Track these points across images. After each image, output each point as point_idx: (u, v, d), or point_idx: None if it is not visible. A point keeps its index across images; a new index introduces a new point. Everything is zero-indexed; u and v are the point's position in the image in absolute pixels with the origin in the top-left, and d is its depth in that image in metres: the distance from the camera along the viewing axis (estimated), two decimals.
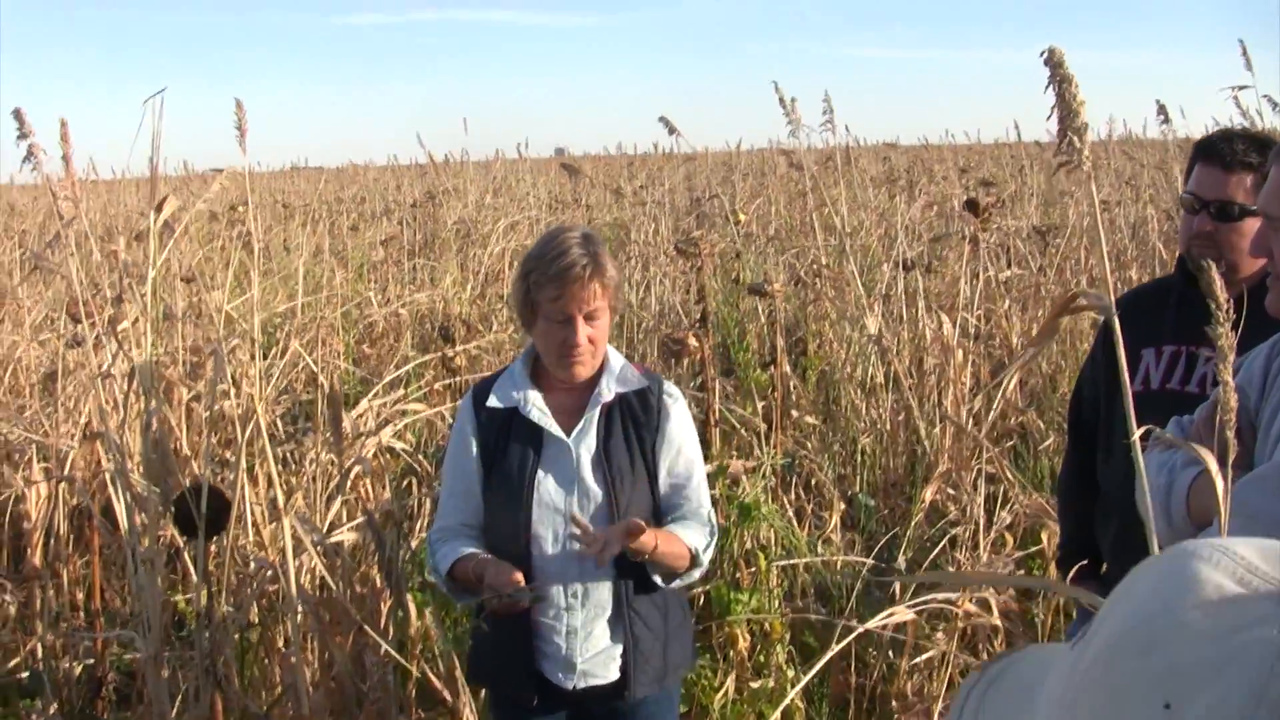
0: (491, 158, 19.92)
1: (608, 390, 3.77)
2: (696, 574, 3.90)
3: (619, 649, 3.74)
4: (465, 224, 14.12)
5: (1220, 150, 3.48)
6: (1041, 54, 2.44)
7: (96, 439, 5.91)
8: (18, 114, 4.81)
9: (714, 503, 4.10)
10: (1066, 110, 2.40)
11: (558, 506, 3.68)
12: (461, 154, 18.13)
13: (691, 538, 3.75)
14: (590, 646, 3.72)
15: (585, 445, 3.73)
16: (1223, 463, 2.10)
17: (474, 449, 3.81)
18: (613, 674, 3.75)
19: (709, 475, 4.38)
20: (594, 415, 3.75)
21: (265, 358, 7.15)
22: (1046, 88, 2.47)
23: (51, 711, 5.36)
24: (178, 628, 5.82)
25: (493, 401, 3.80)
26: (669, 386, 3.91)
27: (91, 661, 6.06)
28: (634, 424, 3.77)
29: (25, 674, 5.87)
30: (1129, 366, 2.52)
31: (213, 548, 4.73)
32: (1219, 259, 3.02)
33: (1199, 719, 0.79)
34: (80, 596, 6.56)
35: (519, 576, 3.56)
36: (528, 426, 3.75)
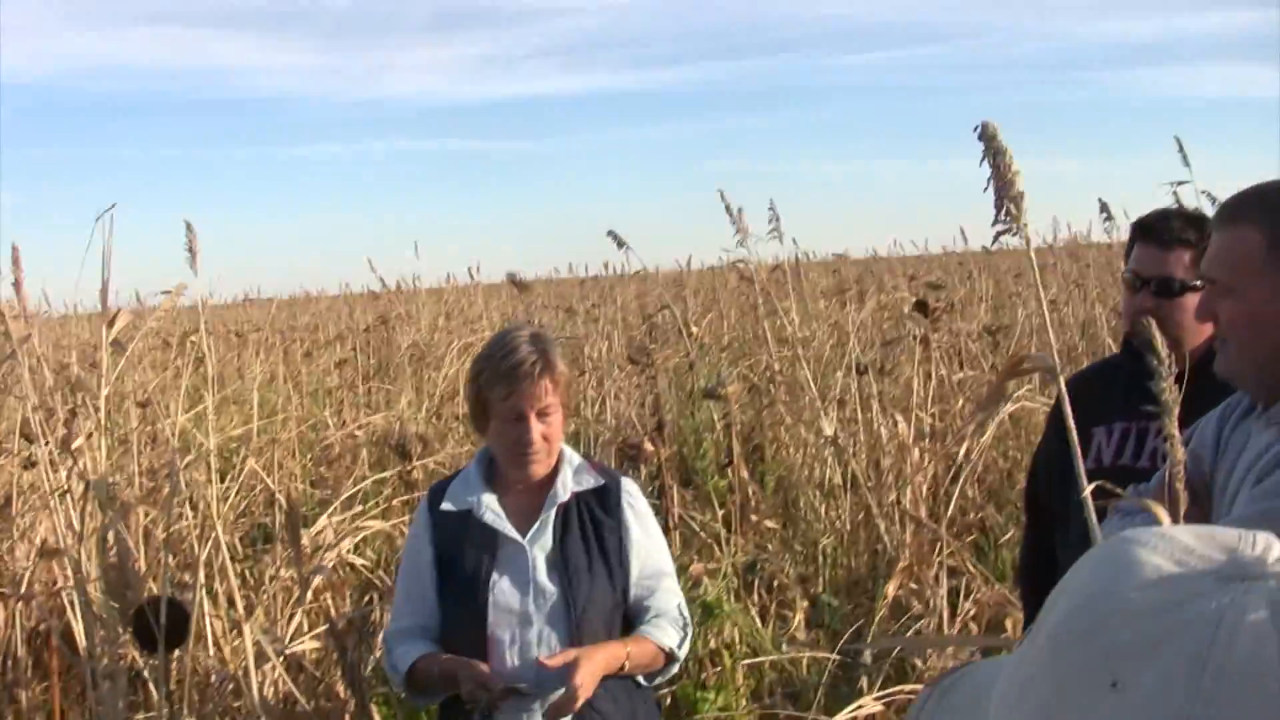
0: (443, 282, 19.99)
1: (563, 490, 3.74)
2: (674, 669, 3.89)
3: None
4: (419, 347, 14.13)
5: (1158, 229, 3.55)
6: (975, 128, 2.48)
7: (53, 556, 5.87)
8: None
9: None
10: (1002, 180, 2.44)
11: (513, 608, 3.64)
12: (413, 279, 18.18)
13: (664, 638, 3.72)
14: None
15: (540, 546, 3.69)
16: (1174, 514, 2.12)
17: (429, 552, 3.78)
18: None
19: None
20: (550, 516, 3.72)
21: (222, 481, 7.13)
22: (981, 161, 2.51)
23: None
24: None
25: (447, 505, 3.78)
26: (628, 484, 3.89)
27: None
28: (593, 523, 3.74)
29: None
30: (1080, 446, 2.55)
31: (173, 664, 4.69)
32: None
33: (1145, 694, 0.80)
34: None
35: (486, 669, 3.54)
36: (483, 529, 3.71)
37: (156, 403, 8.77)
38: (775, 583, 7.09)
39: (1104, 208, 10.09)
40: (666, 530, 6.13)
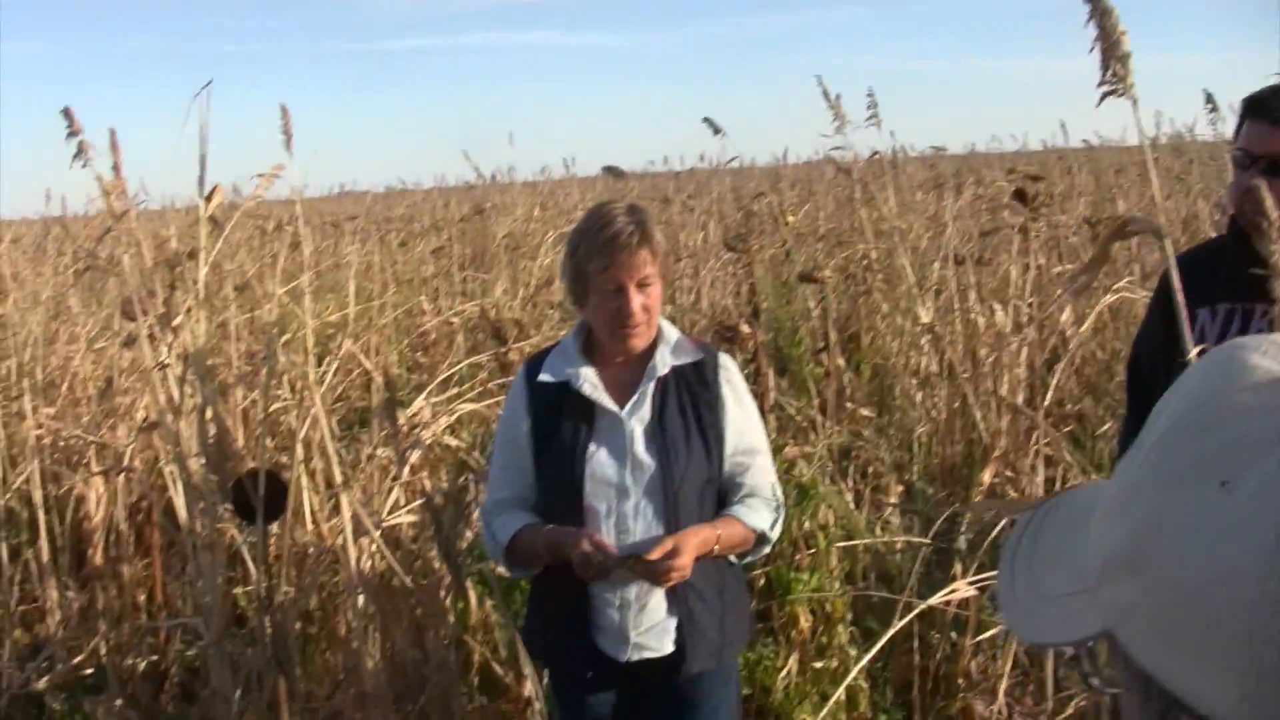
0: (539, 174, 19.97)
1: (662, 364, 3.73)
2: (766, 549, 3.89)
3: (673, 622, 3.69)
4: (514, 237, 14.13)
5: (1269, 105, 3.44)
6: None
7: (154, 430, 5.93)
8: (67, 112, 4.85)
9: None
10: (1108, 40, 2.38)
11: (610, 480, 3.65)
12: (508, 171, 18.18)
13: (756, 519, 3.72)
14: (645, 620, 3.68)
15: (638, 418, 3.69)
16: None
17: (526, 422, 3.78)
18: (667, 647, 3.70)
19: None
20: (648, 389, 3.71)
21: (319, 365, 7.17)
22: (1087, 21, 2.46)
23: (117, 706, 5.38)
24: (239, 624, 5.84)
25: (545, 376, 3.77)
26: (725, 359, 3.87)
27: (155, 658, 6.09)
28: (690, 397, 3.73)
29: (90, 671, 5.90)
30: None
31: (271, 537, 4.73)
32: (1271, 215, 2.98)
33: (1254, 492, 0.79)
34: (141, 597, 6.59)
35: (600, 540, 3.55)
36: (580, 401, 3.71)
37: (255, 286, 8.84)
38: (870, 469, 7.08)
39: (1209, 99, 9.96)
40: (762, 413, 6.11)
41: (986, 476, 6.01)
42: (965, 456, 7.36)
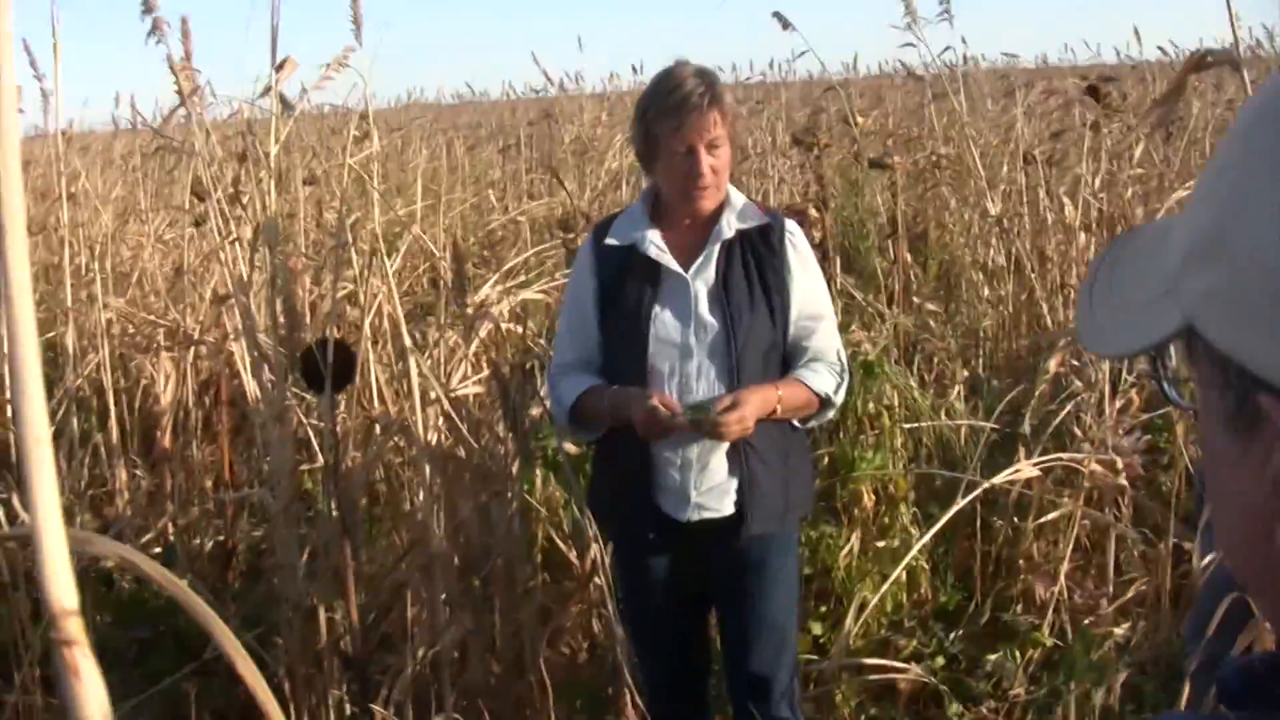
0: (606, 81, 19.93)
1: (728, 227, 3.75)
2: (830, 414, 3.92)
3: (734, 483, 3.73)
4: (581, 142, 14.12)
5: None
6: None
7: (224, 302, 5.99)
8: None
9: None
10: None
11: (674, 340, 3.68)
12: (576, 76, 18.12)
13: (820, 382, 3.74)
14: (706, 480, 3.72)
15: (703, 280, 3.72)
16: None
17: (593, 286, 3.82)
18: (727, 508, 3.75)
19: None
20: (714, 251, 3.73)
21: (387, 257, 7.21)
22: None
23: (185, 583, 5.45)
24: (305, 507, 5.91)
25: (611, 240, 3.80)
26: (791, 225, 3.88)
27: (221, 538, 6.17)
28: (755, 260, 3.75)
29: (158, 550, 5.98)
30: None
31: (339, 408, 4.77)
32: None
33: None
34: (208, 482, 6.67)
35: (666, 398, 3.58)
36: (646, 263, 3.74)
37: (322, 178, 8.88)
38: (935, 360, 7.08)
39: None
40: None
41: (1052, 366, 5.98)
42: (1031, 351, 7.33)
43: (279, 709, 1.58)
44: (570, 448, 5.16)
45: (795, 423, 3.83)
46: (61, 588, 1.08)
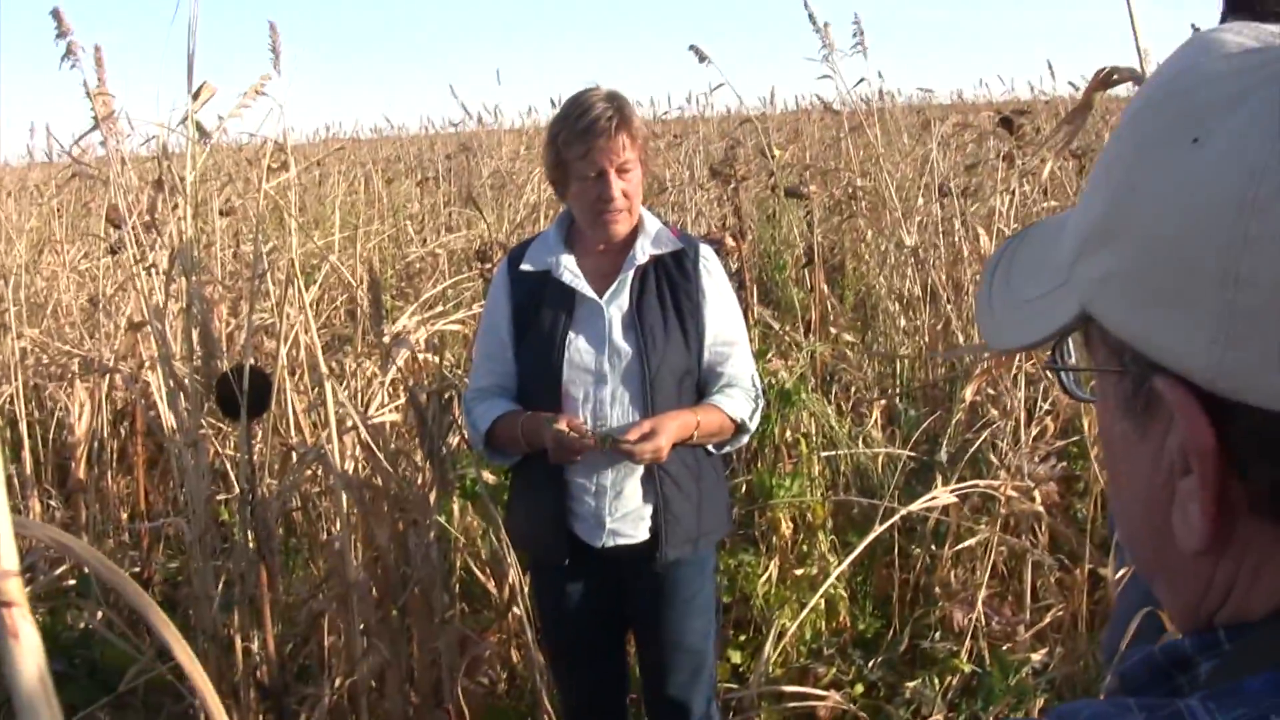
0: (524, 115, 19.98)
1: (642, 253, 3.77)
2: (745, 439, 3.94)
3: (649, 509, 3.77)
4: (500, 175, 14.12)
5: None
6: None
7: (139, 329, 5.94)
8: (56, 13, 4.83)
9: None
10: None
11: (589, 366, 3.71)
12: (495, 110, 18.13)
13: (734, 407, 3.77)
14: (620, 505, 3.75)
15: (617, 305, 3.75)
16: None
17: (507, 311, 3.84)
18: (642, 534, 3.78)
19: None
20: (628, 277, 3.76)
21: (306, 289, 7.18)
22: None
23: (99, 617, 5.39)
24: (221, 538, 5.87)
25: (525, 265, 3.82)
26: (705, 250, 3.91)
27: (138, 569, 6.11)
28: (669, 286, 3.78)
29: (73, 582, 5.92)
30: None
31: (255, 437, 4.75)
32: None
33: (1224, 144, 0.81)
34: (124, 514, 6.62)
35: (575, 421, 3.59)
36: (560, 289, 3.77)
37: (240, 209, 8.84)
38: (852, 389, 7.11)
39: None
40: (746, 328, 6.13)
41: (968, 394, 6.04)
42: (948, 380, 7.38)
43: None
44: (489, 477, 5.15)
45: (710, 447, 3.84)
46: (3, 550, 1.08)
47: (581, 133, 3.62)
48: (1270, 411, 0.78)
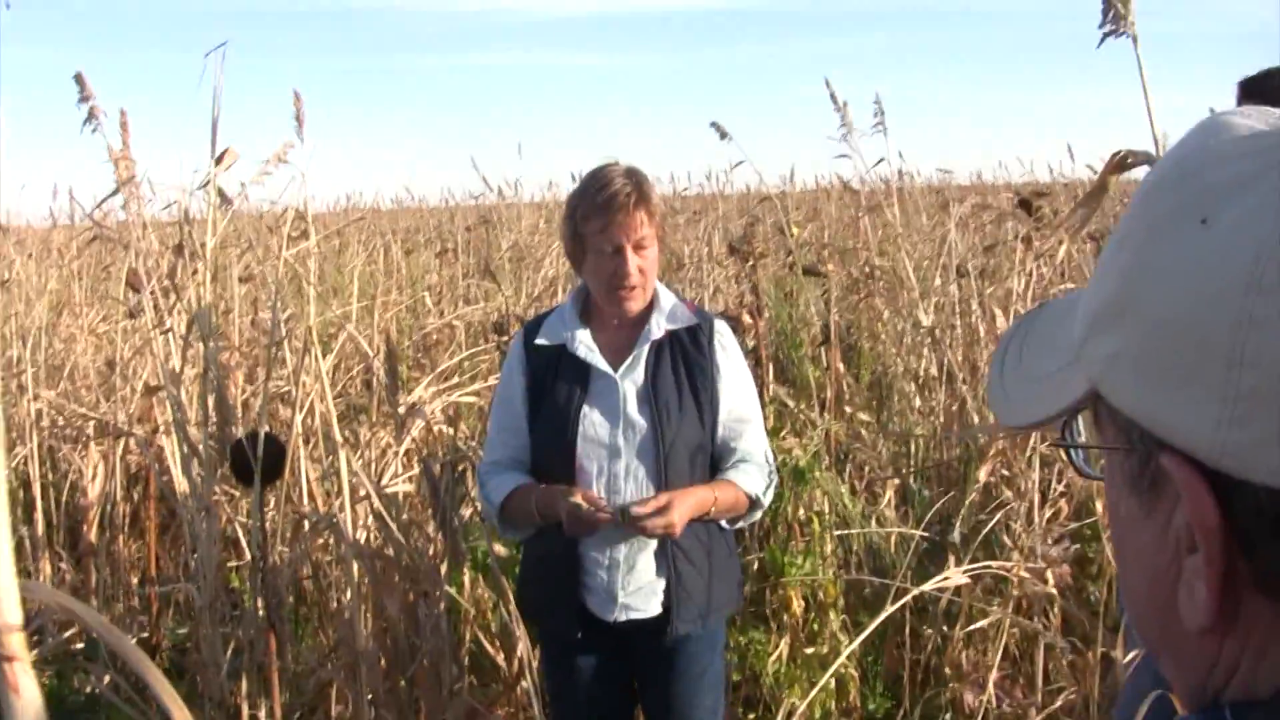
0: (545, 189, 20.00)
1: (657, 328, 3.78)
2: (758, 514, 3.94)
3: (661, 584, 3.76)
4: (519, 248, 14.16)
5: (1262, 86, 3.46)
6: None
7: (155, 393, 5.96)
8: (79, 78, 4.87)
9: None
10: None
11: (603, 441, 3.71)
12: (515, 183, 18.17)
13: (749, 483, 3.77)
14: (633, 580, 3.74)
15: (632, 380, 3.75)
16: None
17: (522, 385, 3.85)
18: (654, 608, 3.77)
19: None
20: (643, 351, 3.77)
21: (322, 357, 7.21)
22: None
23: (106, 681, 5.38)
24: (231, 606, 5.86)
25: (541, 340, 3.84)
26: (720, 325, 3.92)
27: (145, 634, 6.11)
28: (684, 361, 3.78)
29: (80, 645, 5.92)
30: None
31: (268, 504, 4.75)
32: None
33: (1233, 225, 0.82)
34: (134, 579, 6.62)
35: (591, 495, 3.59)
36: (575, 363, 3.78)
37: (259, 277, 8.87)
38: (866, 469, 7.10)
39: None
40: (761, 405, 6.14)
41: (982, 475, 6.02)
42: (963, 461, 7.37)
43: None
44: (500, 549, 5.14)
45: (723, 523, 3.83)
46: (6, 605, 1.08)
47: (600, 207, 3.64)
48: (1274, 490, 0.78)
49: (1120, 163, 2.53)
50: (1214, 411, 0.80)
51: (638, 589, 3.74)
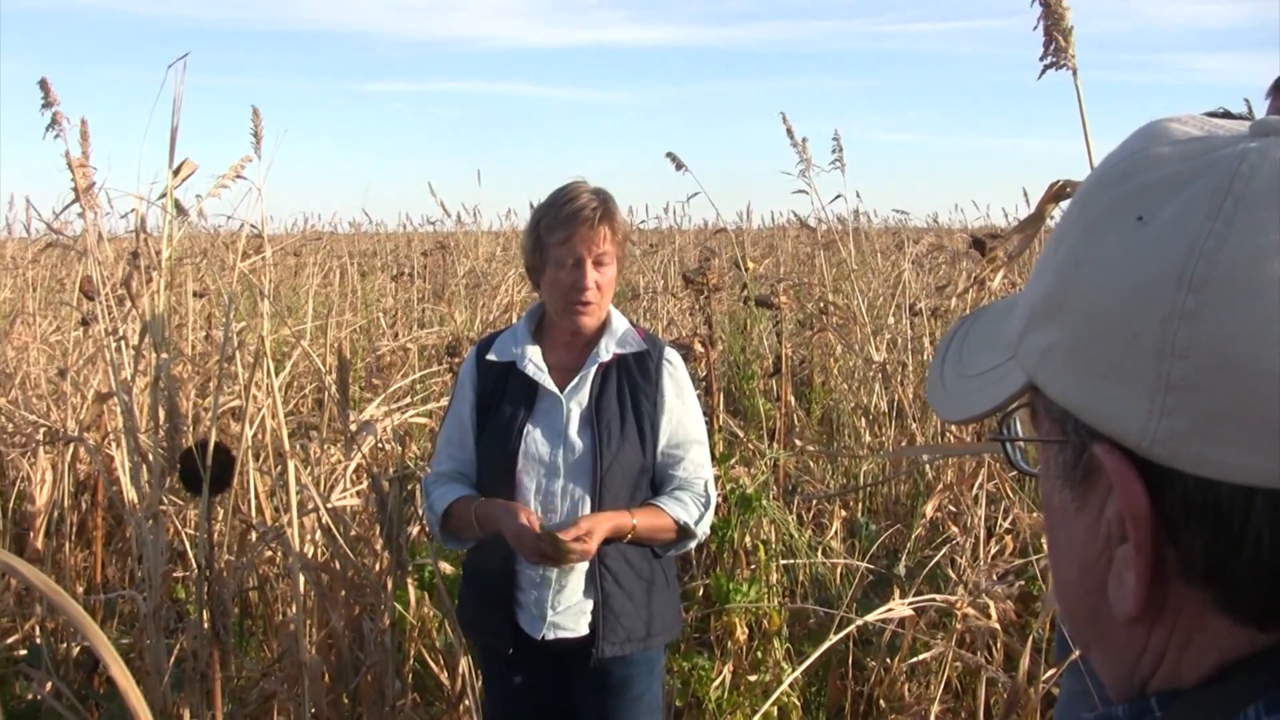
0: (503, 217, 20.04)
1: (606, 350, 3.83)
2: (691, 543, 3.95)
3: (590, 604, 3.80)
4: (476, 275, 14.18)
5: None
6: None
7: (106, 400, 5.94)
8: (43, 84, 4.87)
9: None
10: (1052, 14, 2.44)
11: (543, 458, 3.75)
12: (474, 211, 18.18)
13: (680, 511, 3.79)
14: (563, 599, 3.78)
15: (577, 400, 3.80)
16: None
17: (471, 399, 3.91)
18: (582, 629, 3.80)
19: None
20: (589, 373, 3.81)
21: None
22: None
23: (49, 688, 5.36)
24: (177, 617, 5.84)
25: (492, 356, 3.89)
26: (670, 353, 3.95)
27: (89, 642, 6.07)
28: (630, 386, 3.83)
29: (23, 652, 5.88)
30: None
31: (216, 514, 4.75)
32: None
33: (1167, 223, 0.85)
34: (80, 587, 6.58)
35: (532, 516, 3.61)
36: (524, 381, 3.83)
37: (213, 292, 8.86)
38: (814, 500, 7.13)
39: None
40: (710, 436, 6.16)
41: (929, 510, 6.06)
42: (911, 496, 7.41)
43: None
44: (446, 568, 5.15)
45: (656, 549, 3.85)
46: None
47: (565, 219, 3.69)
48: (1200, 478, 0.81)
49: (1059, 192, 2.58)
50: (1145, 402, 0.83)
51: (566, 608, 3.77)
